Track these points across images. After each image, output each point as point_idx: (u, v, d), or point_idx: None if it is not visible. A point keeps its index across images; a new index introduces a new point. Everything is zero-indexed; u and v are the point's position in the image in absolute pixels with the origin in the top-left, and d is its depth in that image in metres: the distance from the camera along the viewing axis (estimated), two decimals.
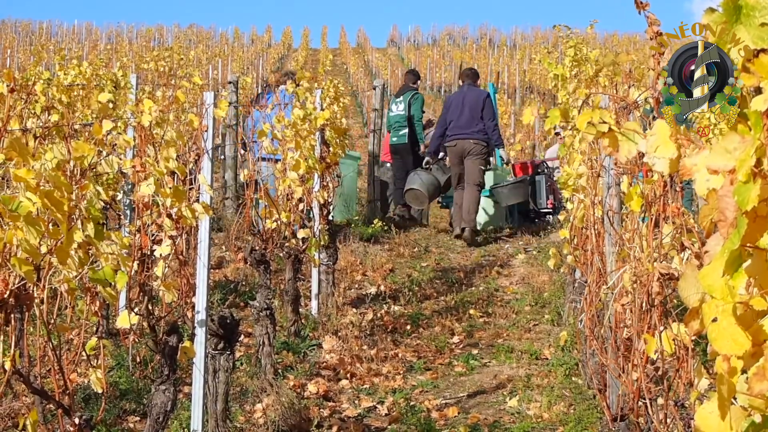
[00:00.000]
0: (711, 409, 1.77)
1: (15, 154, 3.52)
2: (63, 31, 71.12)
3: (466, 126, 13.96)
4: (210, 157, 6.08)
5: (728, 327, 1.73)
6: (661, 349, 3.84)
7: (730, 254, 1.74)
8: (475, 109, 13.98)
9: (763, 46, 1.79)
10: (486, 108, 14.01)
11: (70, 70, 9.53)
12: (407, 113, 15.58)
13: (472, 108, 14.00)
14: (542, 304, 10.12)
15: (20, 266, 3.47)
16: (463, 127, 13.97)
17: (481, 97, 14.18)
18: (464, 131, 13.97)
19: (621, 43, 63.54)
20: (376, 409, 7.14)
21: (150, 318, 5.17)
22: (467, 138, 13.92)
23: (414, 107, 15.69)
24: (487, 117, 13.97)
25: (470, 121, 13.96)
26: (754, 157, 1.76)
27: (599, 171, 5.67)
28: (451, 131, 14.07)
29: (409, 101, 15.72)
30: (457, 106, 14.14)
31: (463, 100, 14.17)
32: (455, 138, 14.03)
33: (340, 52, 65.37)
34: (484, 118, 13.96)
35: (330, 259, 9.74)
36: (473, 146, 13.90)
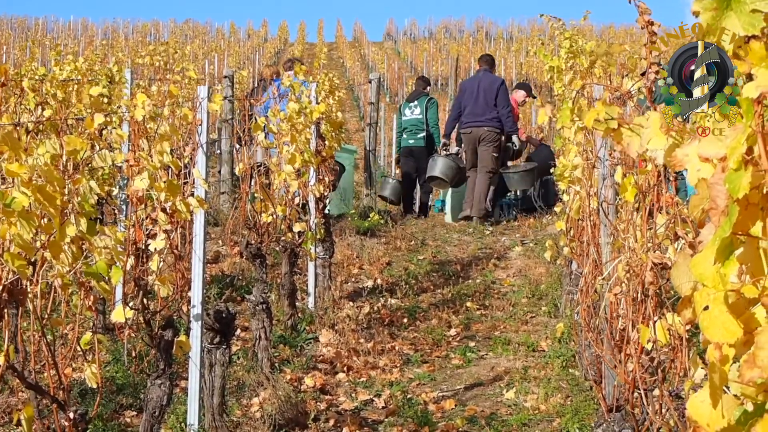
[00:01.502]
0: (703, 397, 1.76)
1: (7, 148, 3.51)
2: (59, 26, 71.12)
3: (480, 113, 14.26)
4: (204, 151, 6.07)
5: (720, 315, 1.72)
6: (656, 339, 3.84)
7: (722, 242, 1.73)
8: (489, 97, 14.25)
9: (753, 32, 1.78)
10: (500, 95, 14.24)
11: (65, 66, 9.52)
12: (424, 117, 15.95)
13: (486, 95, 14.26)
14: (539, 296, 10.11)
15: (13, 261, 3.46)
16: (478, 115, 14.27)
17: (495, 84, 14.41)
18: (479, 119, 14.28)
19: (618, 35, 63.57)
20: (373, 402, 7.14)
21: (145, 312, 5.16)
22: (482, 125, 14.24)
23: (431, 112, 16.23)
24: (501, 104, 14.22)
25: (485, 108, 14.26)
26: (746, 145, 1.75)
27: (594, 162, 5.67)
28: (467, 118, 14.40)
29: (426, 105, 16.23)
30: (472, 92, 14.41)
31: (478, 86, 14.43)
32: (470, 125, 14.36)
33: (337, 46, 65.36)
34: (498, 106, 14.21)
35: (326, 253, 9.73)
36: (487, 133, 14.21)
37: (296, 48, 57.90)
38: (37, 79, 8.55)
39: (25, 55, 42.84)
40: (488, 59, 15.14)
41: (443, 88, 48.06)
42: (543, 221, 14.23)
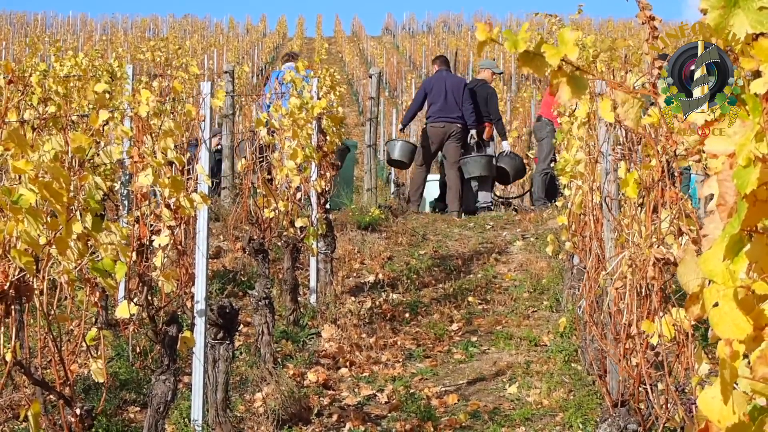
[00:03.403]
0: (713, 394, 1.77)
1: (13, 145, 3.52)
2: (58, 22, 71.00)
3: (451, 111, 15.36)
4: (207, 146, 6.08)
5: (730, 311, 1.73)
6: (661, 334, 3.85)
7: (731, 239, 1.74)
8: (457, 96, 15.36)
9: (762, 30, 1.79)
10: (465, 94, 15.37)
11: (66, 62, 9.51)
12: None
13: (455, 94, 15.37)
14: (541, 291, 10.12)
15: (20, 258, 3.47)
16: (450, 112, 15.36)
17: (461, 84, 15.62)
18: (450, 115, 15.36)
19: (616, 28, 63.46)
20: (375, 397, 7.15)
21: (149, 308, 5.17)
22: (454, 122, 15.35)
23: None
24: (466, 103, 15.37)
25: (455, 106, 15.36)
26: (754, 141, 1.76)
27: (597, 157, 5.67)
28: (438, 114, 15.42)
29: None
30: (440, 91, 15.42)
31: (445, 85, 15.46)
32: (443, 120, 15.38)
33: (335, 40, 65.27)
34: (464, 104, 15.36)
35: (328, 248, 9.73)
36: (458, 130, 15.33)
37: (295, 43, 57.82)
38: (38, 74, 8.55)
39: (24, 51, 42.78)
40: (444, 60, 16.28)
41: None
42: (544, 216, 14.23)
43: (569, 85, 2.06)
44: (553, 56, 2.03)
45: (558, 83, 2.06)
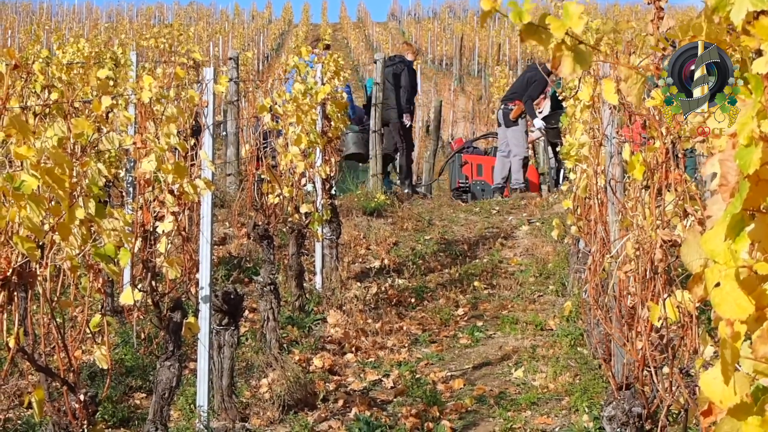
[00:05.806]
0: (715, 374, 1.76)
1: (15, 131, 3.51)
2: (63, 10, 71.03)
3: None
4: (211, 132, 6.06)
5: (731, 291, 1.72)
6: (666, 317, 3.84)
7: (732, 218, 1.73)
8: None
9: (763, 7, 1.77)
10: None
11: (68, 48, 9.51)
12: None
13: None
14: (546, 275, 10.10)
15: (23, 244, 3.47)
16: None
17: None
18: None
19: (622, 13, 63.32)
20: (381, 382, 7.15)
21: (154, 294, 5.17)
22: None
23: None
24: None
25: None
26: (756, 120, 1.74)
27: (601, 140, 5.65)
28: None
29: None
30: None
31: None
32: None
33: (341, 26, 65.23)
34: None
35: (333, 234, 9.73)
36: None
37: (300, 29, 57.77)
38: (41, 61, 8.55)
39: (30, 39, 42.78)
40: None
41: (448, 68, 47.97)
42: (550, 200, 14.22)
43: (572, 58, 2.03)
44: (557, 28, 2.01)
45: (560, 56, 2.03)
